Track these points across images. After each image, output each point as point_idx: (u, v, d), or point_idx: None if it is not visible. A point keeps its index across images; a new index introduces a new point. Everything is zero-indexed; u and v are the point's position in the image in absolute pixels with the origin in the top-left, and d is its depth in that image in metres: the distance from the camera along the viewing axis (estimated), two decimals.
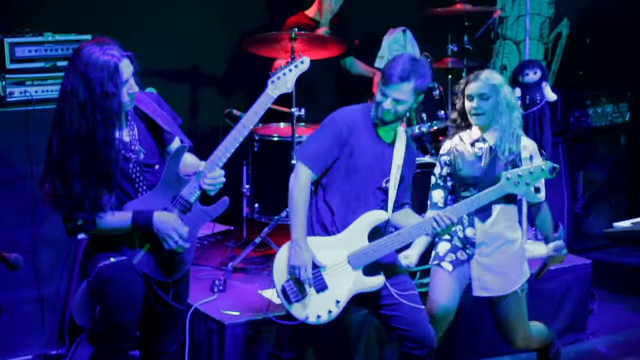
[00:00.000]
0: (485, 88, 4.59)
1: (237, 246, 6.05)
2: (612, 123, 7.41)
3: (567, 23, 8.05)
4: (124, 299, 3.87)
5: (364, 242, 4.34)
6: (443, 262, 4.68)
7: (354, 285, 4.32)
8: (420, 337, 4.36)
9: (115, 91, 3.73)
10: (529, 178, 4.29)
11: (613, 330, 5.95)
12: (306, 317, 4.29)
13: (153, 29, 6.42)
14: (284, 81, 4.08)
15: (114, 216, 3.85)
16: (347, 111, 4.43)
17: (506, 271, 4.70)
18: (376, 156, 4.36)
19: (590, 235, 7.30)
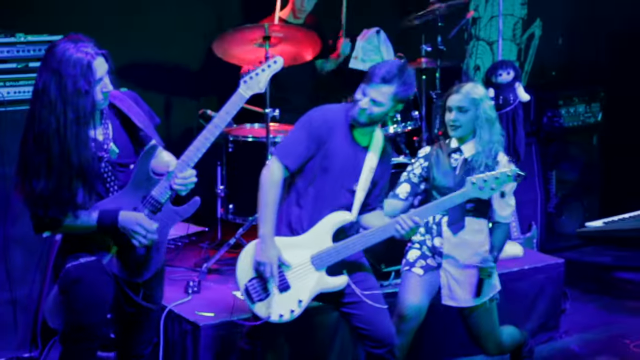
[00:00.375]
0: (465, 101, 4.61)
1: (211, 247, 6.04)
2: (585, 123, 7.48)
3: (539, 24, 8.11)
4: (91, 300, 3.84)
5: (328, 242, 4.33)
6: (414, 268, 4.71)
7: (316, 285, 4.33)
8: (379, 335, 4.37)
9: (88, 89, 3.69)
10: (494, 183, 4.27)
11: (585, 329, 5.99)
12: (269, 316, 4.30)
13: (127, 29, 6.40)
14: (256, 81, 4.06)
15: (80, 216, 3.81)
16: (327, 110, 4.41)
17: (473, 283, 4.71)
18: (349, 158, 4.35)
19: (563, 234, 7.36)
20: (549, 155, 7.33)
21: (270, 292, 4.29)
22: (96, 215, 3.82)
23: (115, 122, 3.96)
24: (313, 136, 4.30)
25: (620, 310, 6.32)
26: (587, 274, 6.96)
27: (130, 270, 3.95)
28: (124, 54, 6.37)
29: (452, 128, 4.63)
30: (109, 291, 3.90)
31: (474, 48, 7.88)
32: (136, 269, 3.96)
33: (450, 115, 4.63)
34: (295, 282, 4.32)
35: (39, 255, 5.15)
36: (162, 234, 3.96)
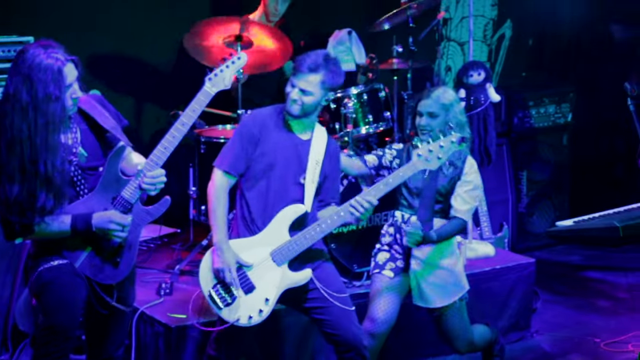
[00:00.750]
0: (435, 107, 4.63)
1: (183, 249, 6.02)
2: (555, 123, 7.53)
3: (510, 25, 8.15)
4: (62, 302, 3.83)
5: (285, 237, 4.36)
6: (384, 271, 4.72)
7: (281, 281, 4.34)
8: (348, 339, 4.39)
9: (59, 95, 3.70)
10: (440, 152, 4.25)
11: (556, 329, 6.02)
12: (237, 319, 4.30)
13: (97, 30, 6.37)
14: (221, 78, 4.06)
15: (53, 221, 3.81)
16: (257, 112, 4.52)
17: (444, 284, 4.73)
18: (290, 152, 4.40)
19: (534, 234, 7.41)
20: (519, 156, 7.37)
21: (235, 296, 4.30)
22: (69, 220, 3.81)
23: (83, 125, 3.96)
24: (245, 136, 4.37)
25: (591, 310, 6.36)
26: (557, 273, 7.01)
27: (104, 272, 3.93)
28: (94, 56, 6.35)
29: (422, 132, 4.65)
30: (82, 293, 3.88)
31: (445, 49, 7.90)
32: (111, 271, 3.94)
33: (421, 120, 4.65)
34: (260, 281, 4.33)
35: (9, 258, 5.11)
36: (134, 234, 3.95)
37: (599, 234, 5.52)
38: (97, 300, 3.97)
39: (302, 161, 4.42)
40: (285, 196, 4.40)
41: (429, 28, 6.74)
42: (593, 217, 5.16)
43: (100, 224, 3.82)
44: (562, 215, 7.16)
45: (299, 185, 4.42)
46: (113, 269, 3.94)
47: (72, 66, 3.76)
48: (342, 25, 6.73)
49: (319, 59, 4.33)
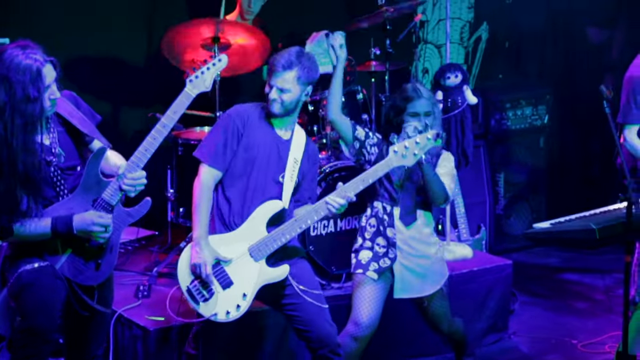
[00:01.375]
0: (430, 105, 4.67)
1: (161, 251, 6.00)
2: (532, 125, 7.57)
3: (486, 27, 8.18)
4: (41, 303, 3.81)
5: (263, 232, 4.38)
6: (368, 272, 4.71)
7: (258, 277, 4.36)
8: (320, 336, 4.41)
9: (37, 95, 3.69)
10: (416, 148, 4.31)
11: (534, 330, 6.05)
12: (215, 314, 4.32)
13: (73, 31, 6.34)
14: (202, 79, 4.07)
15: (33, 223, 3.79)
16: (241, 107, 4.53)
17: (430, 272, 4.77)
18: (271, 150, 4.43)
19: (511, 236, 7.44)
20: (496, 158, 7.40)
21: (213, 291, 4.32)
22: (49, 223, 3.79)
23: (59, 127, 3.94)
24: (229, 130, 4.40)
25: (568, 311, 6.40)
26: (535, 275, 7.04)
27: (85, 273, 3.91)
28: (72, 57, 6.32)
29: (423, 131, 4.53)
30: (61, 295, 3.86)
31: (422, 51, 7.93)
32: (91, 272, 3.92)
33: (421, 120, 4.60)
34: (237, 277, 4.35)
35: None
36: (114, 236, 3.94)
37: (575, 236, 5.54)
38: (78, 301, 3.94)
39: (282, 160, 4.45)
40: (263, 193, 4.42)
41: (406, 30, 6.75)
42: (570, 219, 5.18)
43: (82, 226, 3.80)
44: (539, 217, 7.21)
45: (278, 183, 4.44)
46: (94, 270, 3.93)
47: (50, 67, 3.75)
48: (320, 26, 6.72)
49: (291, 56, 4.38)
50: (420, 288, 4.77)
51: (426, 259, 4.76)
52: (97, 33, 6.45)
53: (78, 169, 3.95)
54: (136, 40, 6.70)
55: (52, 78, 3.76)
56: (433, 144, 4.33)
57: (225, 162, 4.40)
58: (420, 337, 5.54)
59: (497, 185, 7.40)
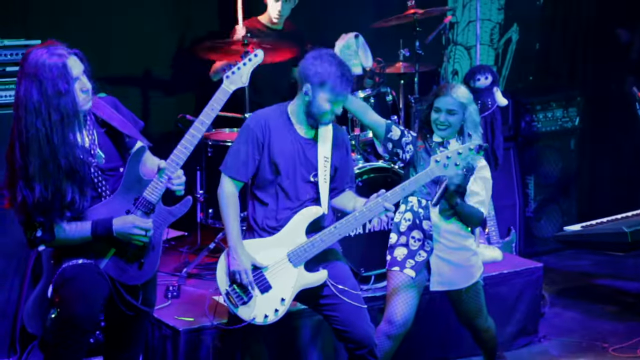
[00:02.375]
0: (455, 104, 4.67)
1: (191, 252, 6.02)
2: (562, 127, 7.52)
3: (516, 28, 8.13)
4: (81, 294, 3.82)
5: (302, 238, 4.40)
6: (405, 269, 4.71)
7: (297, 282, 4.38)
8: (359, 337, 4.40)
9: (67, 88, 3.72)
10: (457, 159, 4.33)
11: (564, 334, 6.01)
12: (253, 318, 4.33)
13: (104, 32, 6.36)
14: (238, 75, 4.10)
15: (72, 227, 3.82)
16: (259, 114, 4.54)
17: (465, 265, 4.78)
18: (297, 151, 4.44)
19: (541, 238, 7.39)
20: (527, 160, 7.36)
21: (252, 295, 4.33)
22: (89, 226, 3.82)
23: (99, 129, 3.96)
24: (250, 140, 4.41)
25: (599, 315, 6.34)
26: (565, 278, 6.99)
27: (128, 273, 3.93)
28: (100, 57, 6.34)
29: (440, 128, 4.69)
30: (103, 292, 3.88)
31: (451, 53, 7.90)
32: (136, 272, 3.95)
33: (439, 116, 4.68)
34: (276, 282, 4.36)
35: (17, 260, 5.11)
36: (157, 234, 3.96)
37: (607, 239, 5.52)
38: (123, 301, 3.96)
39: (310, 159, 4.45)
40: (298, 195, 4.44)
41: (435, 32, 6.73)
42: (601, 221, 5.16)
43: (122, 229, 3.83)
44: (570, 220, 7.15)
45: (311, 183, 4.44)
46: (137, 269, 3.95)
47: (75, 59, 3.78)
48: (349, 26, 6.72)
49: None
50: (457, 281, 4.78)
51: (463, 251, 4.78)
52: (128, 33, 6.47)
53: (120, 170, 3.97)
54: (166, 41, 6.72)
55: (80, 70, 3.78)
56: (475, 155, 4.35)
57: (246, 172, 4.42)
58: (452, 339, 5.52)
59: (527, 187, 7.36)
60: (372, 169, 5.44)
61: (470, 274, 4.80)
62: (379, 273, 5.38)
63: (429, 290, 4.82)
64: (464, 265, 4.79)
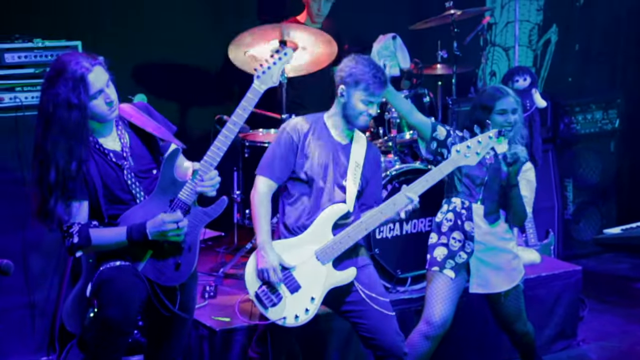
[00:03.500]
0: (517, 104, 4.72)
1: (227, 252, 6.05)
2: (602, 130, 7.45)
3: (555, 29, 8.09)
4: (118, 295, 3.84)
5: (329, 236, 4.40)
6: (445, 270, 4.70)
7: (326, 280, 4.37)
8: (386, 345, 4.39)
9: (77, 102, 3.71)
10: (478, 147, 4.34)
11: (603, 337, 5.96)
12: (284, 318, 4.34)
13: (142, 34, 6.41)
14: (269, 75, 4.09)
15: (108, 233, 3.86)
16: (295, 120, 4.58)
17: (507, 267, 4.77)
18: (332, 155, 4.46)
19: (580, 241, 7.33)
20: (565, 162, 7.30)
21: (281, 295, 4.34)
22: (124, 231, 3.84)
23: (132, 133, 3.99)
24: (284, 143, 4.45)
25: (638, 319, 6.27)
26: (605, 281, 6.93)
27: (165, 275, 3.95)
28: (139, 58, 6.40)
29: (508, 129, 4.66)
30: (141, 294, 3.89)
31: (489, 54, 7.86)
32: (171, 273, 3.96)
33: (509, 117, 4.69)
34: (305, 281, 4.36)
35: (56, 259, 5.16)
36: (193, 235, 3.97)
37: None
38: (160, 303, 3.98)
39: (343, 164, 4.48)
40: (330, 200, 4.45)
41: (474, 33, 6.71)
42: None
43: (155, 229, 3.84)
44: (609, 223, 7.09)
45: (342, 187, 4.46)
46: (174, 270, 3.96)
47: (100, 70, 3.77)
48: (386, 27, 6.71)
49: (378, 69, 4.43)
50: (497, 283, 4.76)
51: (504, 253, 4.77)
52: (164, 35, 6.51)
53: (153, 173, 3.99)
54: (203, 42, 6.76)
55: (104, 81, 3.78)
56: (495, 142, 4.36)
57: (280, 174, 4.44)
58: (490, 342, 5.50)
59: (566, 190, 7.31)
60: (409, 170, 5.42)
61: (511, 277, 4.78)
62: (416, 275, 5.36)
63: (466, 293, 4.80)
64: (505, 268, 4.77)
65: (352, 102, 4.41)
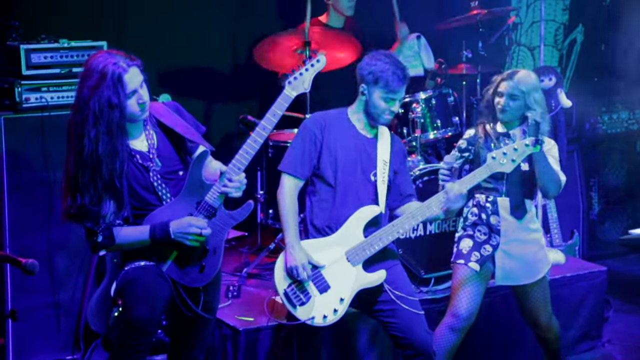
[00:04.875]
0: (516, 89, 4.67)
1: (251, 252, 6.06)
2: (628, 129, 7.41)
3: (581, 29, 8.03)
4: (143, 296, 3.87)
5: (360, 237, 4.40)
6: (470, 263, 4.69)
7: (355, 281, 4.37)
8: (417, 344, 4.38)
9: (117, 102, 3.74)
10: (514, 154, 4.33)
11: (629, 339, 5.92)
12: (312, 318, 4.33)
13: (167, 34, 6.44)
14: (300, 81, 4.10)
15: (131, 232, 3.87)
16: (317, 114, 4.59)
17: (533, 259, 4.75)
18: (358, 150, 4.46)
19: (605, 242, 7.29)
20: (591, 162, 7.26)
21: (310, 295, 4.34)
22: (147, 230, 3.85)
23: (160, 133, 4.01)
24: (308, 139, 4.44)
25: None
26: (630, 282, 6.88)
27: (189, 275, 3.97)
28: (163, 59, 6.42)
29: (500, 110, 4.69)
30: (165, 293, 3.91)
31: (514, 54, 7.83)
32: (195, 275, 3.98)
33: (501, 100, 4.69)
34: (334, 281, 4.36)
35: (81, 259, 5.19)
36: (218, 238, 3.99)
37: None
38: (184, 304, 4.00)
39: (371, 157, 4.47)
40: (357, 194, 4.44)
41: (499, 33, 6.69)
42: None
43: (180, 231, 3.85)
44: (635, 223, 7.04)
45: (370, 182, 4.45)
46: (198, 272, 3.98)
47: (135, 71, 3.80)
48: (411, 26, 6.69)
49: (400, 65, 4.43)
50: (523, 275, 4.75)
51: (530, 245, 4.75)
52: (186, 35, 6.53)
53: (180, 174, 4.00)
54: (226, 43, 6.78)
55: (138, 82, 3.81)
56: (532, 149, 4.34)
57: (305, 170, 4.44)
58: (514, 341, 5.48)
59: (591, 190, 7.27)
60: (433, 170, 5.41)
61: (537, 269, 4.77)
62: (439, 275, 5.35)
63: (490, 292, 4.78)
64: (531, 260, 4.75)
65: (373, 100, 4.42)
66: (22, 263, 3.78)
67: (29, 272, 3.82)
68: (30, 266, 3.80)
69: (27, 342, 5.14)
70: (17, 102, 5.06)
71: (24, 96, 5.07)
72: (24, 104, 5.07)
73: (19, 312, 4.48)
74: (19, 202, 5.05)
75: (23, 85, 5.07)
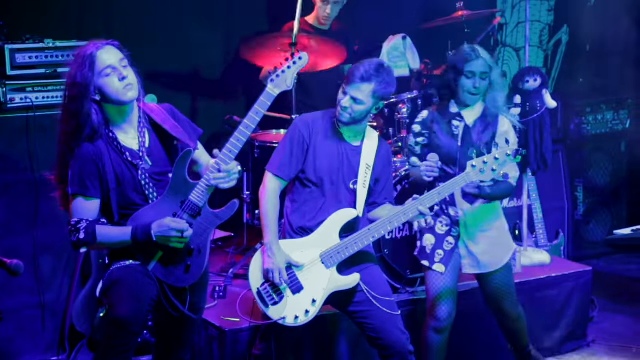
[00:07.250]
0: (486, 67, 4.66)
1: (237, 253, 6.04)
2: (613, 130, 7.44)
3: (566, 30, 8.06)
4: (128, 295, 3.86)
5: (335, 240, 4.40)
6: (435, 265, 4.72)
7: (329, 284, 4.37)
8: (391, 344, 4.39)
9: (81, 81, 3.78)
10: (494, 164, 4.30)
11: (613, 338, 5.94)
12: (284, 318, 4.34)
13: (153, 35, 6.42)
14: (283, 79, 4.09)
15: (114, 231, 3.87)
16: (307, 116, 4.56)
17: (496, 246, 4.78)
18: (340, 157, 4.44)
19: (590, 242, 7.31)
20: (576, 163, 7.29)
21: (283, 295, 4.34)
22: (129, 231, 3.85)
23: (152, 133, 4.01)
24: (295, 141, 4.43)
25: None
26: (615, 282, 6.91)
27: (175, 275, 3.96)
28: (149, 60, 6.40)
29: (474, 93, 4.65)
30: (150, 293, 3.91)
31: (500, 54, 7.85)
32: (181, 275, 3.97)
33: (474, 81, 4.65)
34: (308, 282, 4.36)
35: (66, 260, 5.18)
36: (203, 237, 3.99)
37: None
38: (169, 303, 3.99)
39: (353, 167, 4.46)
40: (337, 202, 4.44)
41: (484, 33, 6.69)
42: None
43: (161, 233, 3.85)
44: (620, 224, 7.07)
45: (350, 191, 4.45)
46: (184, 272, 3.97)
47: (111, 48, 3.84)
48: (396, 27, 6.70)
49: (371, 68, 4.35)
50: (488, 263, 4.76)
51: (491, 232, 4.76)
52: (171, 36, 6.52)
53: (169, 176, 4.00)
54: (213, 43, 6.76)
55: (117, 59, 3.83)
56: (512, 160, 4.31)
57: (290, 172, 4.44)
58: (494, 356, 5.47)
59: (576, 190, 7.29)
60: None
61: (501, 255, 4.79)
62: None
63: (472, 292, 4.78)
64: (493, 249, 4.77)
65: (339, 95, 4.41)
66: (7, 264, 3.78)
67: (13, 273, 3.81)
68: (15, 267, 3.79)
69: (12, 343, 5.12)
70: (1, 102, 5.05)
71: (8, 96, 5.06)
72: (9, 104, 5.06)
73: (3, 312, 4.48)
74: (3, 203, 5.04)
75: (8, 86, 5.06)
